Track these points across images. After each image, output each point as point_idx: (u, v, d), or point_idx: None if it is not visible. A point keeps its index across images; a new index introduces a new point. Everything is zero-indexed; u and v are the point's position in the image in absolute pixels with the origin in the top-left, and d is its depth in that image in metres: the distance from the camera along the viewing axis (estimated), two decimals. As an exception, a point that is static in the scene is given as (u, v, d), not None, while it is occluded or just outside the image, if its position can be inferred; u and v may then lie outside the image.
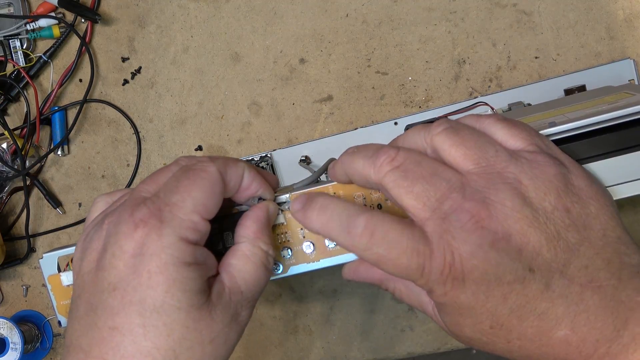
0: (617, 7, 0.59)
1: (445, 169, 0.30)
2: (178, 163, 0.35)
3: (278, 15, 0.65)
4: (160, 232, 0.31)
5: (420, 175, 0.30)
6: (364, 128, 0.61)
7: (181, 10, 0.67)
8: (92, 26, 0.68)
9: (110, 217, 0.34)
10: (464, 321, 0.30)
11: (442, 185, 0.30)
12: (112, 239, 0.32)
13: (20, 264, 0.69)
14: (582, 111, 0.37)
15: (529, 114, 0.42)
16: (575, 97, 0.49)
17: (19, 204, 0.69)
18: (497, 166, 0.30)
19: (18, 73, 0.69)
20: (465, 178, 0.30)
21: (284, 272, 0.38)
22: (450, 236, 0.29)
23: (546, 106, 0.44)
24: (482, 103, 0.58)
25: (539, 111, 0.43)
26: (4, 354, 0.64)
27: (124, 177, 0.68)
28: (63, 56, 0.69)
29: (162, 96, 0.68)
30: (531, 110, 0.45)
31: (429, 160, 0.31)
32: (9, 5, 0.69)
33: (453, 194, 0.29)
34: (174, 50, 0.67)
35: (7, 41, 0.69)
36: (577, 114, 0.37)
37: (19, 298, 0.69)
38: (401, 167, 0.30)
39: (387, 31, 0.63)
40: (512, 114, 0.50)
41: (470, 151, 0.30)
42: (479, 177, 0.30)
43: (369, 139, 0.61)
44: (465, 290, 0.29)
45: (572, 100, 0.45)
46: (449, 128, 0.31)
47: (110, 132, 0.69)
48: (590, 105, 0.40)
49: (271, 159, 0.62)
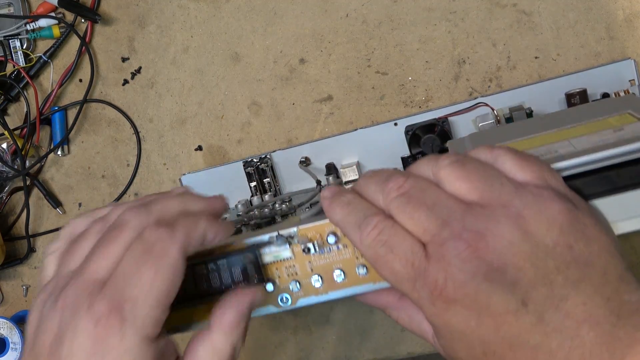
0: (617, 7, 0.59)
1: (448, 198, 0.31)
2: (132, 227, 0.33)
3: (278, 15, 0.65)
4: (123, 332, 0.30)
5: (424, 203, 0.31)
6: (364, 129, 0.61)
7: (181, 10, 0.67)
8: (92, 26, 0.68)
9: (64, 299, 0.31)
10: (457, 345, 0.31)
11: (444, 214, 0.30)
12: (68, 332, 0.30)
13: (20, 264, 0.69)
14: (587, 138, 0.37)
15: (530, 132, 0.42)
16: (577, 111, 0.47)
17: (19, 204, 0.69)
18: (501, 199, 0.30)
19: (18, 73, 0.69)
20: (468, 208, 0.30)
21: (293, 305, 0.37)
22: (446, 262, 0.29)
23: (548, 121, 0.44)
24: (483, 104, 0.58)
25: (541, 128, 0.42)
26: (4, 354, 0.64)
27: (124, 177, 0.68)
28: (63, 56, 0.69)
29: (162, 96, 0.68)
30: (532, 127, 0.44)
31: (434, 188, 0.32)
32: (9, 5, 0.69)
33: (453, 222, 0.30)
34: (174, 50, 0.67)
35: (7, 41, 0.69)
36: (582, 142, 0.36)
37: (19, 298, 0.69)
38: (406, 194, 0.31)
39: (387, 31, 0.63)
40: (513, 128, 0.48)
41: (475, 184, 0.31)
42: (482, 209, 0.30)
43: (369, 140, 0.61)
44: (456, 314, 0.30)
45: (574, 116, 0.43)
46: (455, 162, 0.32)
47: (110, 132, 0.69)
48: (594, 128, 0.39)
49: (271, 161, 0.62)
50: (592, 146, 0.35)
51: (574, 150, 0.35)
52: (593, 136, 0.36)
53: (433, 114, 0.59)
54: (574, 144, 0.36)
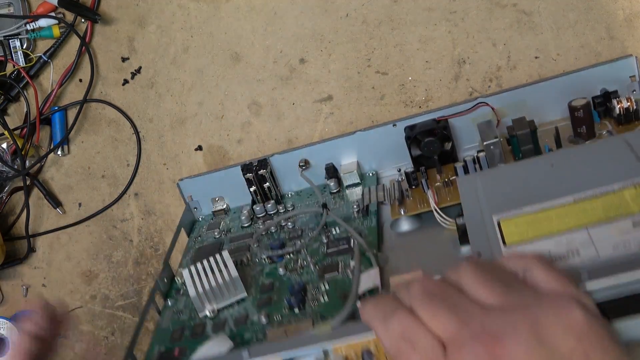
0: (617, 7, 0.59)
1: (469, 300, 0.33)
2: None
3: (278, 15, 0.65)
4: None
5: (445, 303, 0.32)
6: (363, 132, 0.61)
7: (181, 10, 0.67)
8: (92, 26, 0.68)
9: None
10: None
11: (463, 314, 0.32)
12: None
13: (20, 264, 0.69)
14: (607, 232, 0.37)
15: (542, 189, 0.42)
16: (586, 156, 0.45)
17: (19, 204, 0.69)
18: (520, 304, 0.31)
19: (18, 73, 0.69)
20: (487, 311, 0.32)
21: None
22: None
23: (558, 169, 0.44)
24: (483, 103, 0.58)
25: (552, 181, 0.43)
26: (4, 354, 0.64)
27: (124, 177, 0.68)
28: (63, 56, 0.69)
29: (162, 96, 0.68)
30: (542, 173, 0.44)
31: (455, 291, 0.33)
32: (9, 5, 0.69)
33: (472, 323, 0.31)
34: (174, 50, 0.67)
35: (7, 41, 0.69)
36: (602, 238, 0.37)
37: (19, 298, 0.69)
38: (430, 294, 0.33)
39: (387, 31, 0.63)
40: (521, 170, 0.47)
41: (495, 289, 0.33)
42: (502, 313, 0.31)
43: (368, 142, 0.61)
44: None
45: (584, 162, 0.44)
46: (476, 269, 0.34)
47: (110, 132, 0.69)
48: (611, 209, 0.39)
49: (270, 165, 0.62)
50: (613, 252, 0.36)
51: (595, 256, 0.37)
52: (612, 228, 0.37)
53: (433, 114, 0.59)
54: (594, 240, 0.37)
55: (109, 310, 0.67)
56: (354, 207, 0.57)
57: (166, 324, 0.52)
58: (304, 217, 0.59)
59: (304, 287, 0.50)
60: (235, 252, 0.57)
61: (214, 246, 0.59)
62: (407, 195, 0.56)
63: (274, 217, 0.60)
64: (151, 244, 0.66)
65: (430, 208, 0.52)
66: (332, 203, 0.59)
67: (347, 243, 0.52)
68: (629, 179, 0.40)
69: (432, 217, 0.52)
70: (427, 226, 0.53)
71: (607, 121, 0.55)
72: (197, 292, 0.50)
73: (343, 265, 0.51)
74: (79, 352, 0.67)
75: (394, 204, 0.55)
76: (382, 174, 0.62)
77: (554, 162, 0.44)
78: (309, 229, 0.57)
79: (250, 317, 0.49)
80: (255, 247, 0.56)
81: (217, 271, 0.51)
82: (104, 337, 0.67)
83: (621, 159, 0.42)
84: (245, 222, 0.61)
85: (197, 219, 0.64)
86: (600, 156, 0.44)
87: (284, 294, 0.50)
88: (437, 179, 0.56)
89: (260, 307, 0.50)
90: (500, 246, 0.40)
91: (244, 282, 0.51)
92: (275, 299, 0.50)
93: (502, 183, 0.45)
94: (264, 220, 0.60)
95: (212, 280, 0.51)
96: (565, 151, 0.47)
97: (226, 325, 0.49)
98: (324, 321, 0.43)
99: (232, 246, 0.58)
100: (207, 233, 0.61)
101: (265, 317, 0.48)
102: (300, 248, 0.54)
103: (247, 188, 0.61)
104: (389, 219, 0.55)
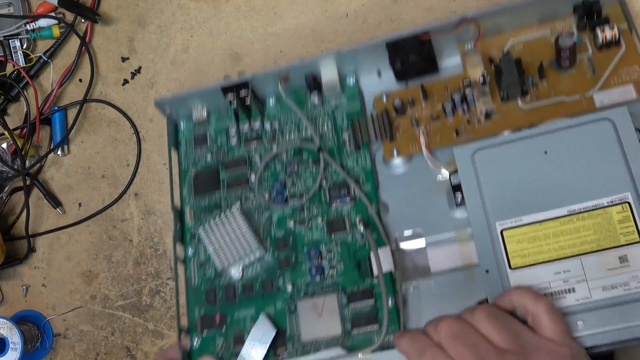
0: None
1: (486, 342, 0.41)
2: None
3: (278, 15, 0.65)
4: None
5: (467, 343, 0.41)
6: (345, 49, 0.56)
7: (181, 10, 0.67)
8: (92, 26, 0.68)
9: None
10: None
11: (483, 354, 0.40)
12: None
13: (20, 264, 0.69)
14: (598, 266, 0.47)
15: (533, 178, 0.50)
16: (571, 141, 0.50)
17: (19, 204, 0.69)
18: (525, 350, 0.41)
19: (18, 73, 0.69)
20: (501, 353, 0.40)
21: None
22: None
23: (547, 154, 0.50)
24: (467, 21, 0.56)
25: (543, 172, 0.50)
26: (4, 354, 0.64)
27: (124, 177, 0.68)
28: (63, 56, 0.69)
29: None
30: (534, 159, 0.51)
31: (475, 332, 0.42)
32: (9, 5, 0.69)
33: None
34: (174, 50, 0.67)
35: (7, 41, 0.69)
36: (594, 274, 0.47)
37: (19, 298, 0.69)
38: (454, 334, 0.42)
39: (387, 31, 0.63)
40: (514, 151, 0.52)
41: (508, 336, 0.41)
42: (512, 355, 0.40)
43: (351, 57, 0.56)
44: None
45: (568, 149, 0.50)
46: (490, 315, 0.42)
47: (110, 132, 0.69)
48: (600, 234, 0.48)
49: (251, 85, 0.57)
50: (603, 293, 0.46)
51: (588, 297, 0.46)
52: (602, 262, 0.47)
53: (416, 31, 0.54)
54: (588, 279, 0.46)
55: (109, 310, 0.67)
56: (344, 138, 0.57)
57: (195, 281, 0.56)
58: (295, 145, 0.58)
59: (320, 253, 0.54)
60: (234, 185, 0.58)
61: (211, 174, 0.58)
62: (397, 128, 0.56)
63: (264, 140, 0.59)
64: (151, 244, 0.66)
65: (421, 151, 0.55)
66: (318, 122, 0.58)
67: (347, 193, 0.55)
68: (616, 192, 0.48)
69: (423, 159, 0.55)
70: (420, 167, 0.56)
71: (586, 37, 0.54)
72: (219, 256, 0.55)
73: (350, 224, 0.55)
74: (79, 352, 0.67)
75: (385, 140, 0.56)
76: (363, 83, 0.58)
77: (547, 149, 0.49)
78: (304, 161, 0.58)
79: (275, 282, 0.54)
80: (257, 192, 0.57)
81: (231, 231, 0.55)
82: (103, 337, 0.67)
83: (608, 152, 0.49)
84: (234, 142, 0.59)
85: (180, 130, 0.61)
86: (590, 150, 0.49)
87: (300, 252, 0.55)
88: (422, 106, 0.56)
89: (282, 270, 0.55)
90: (507, 270, 0.48)
91: (257, 233, 0.56)
92: (293, 261, 0.55)
93: (500, 173, 0.50)
94: (252, 140, 0.59)
95: (229, 241, 0.55)
96: (557, 137, 0.50)
97: (254, 288, 0.55)
98: (365, 350, 0.50)
99: (229, 176, 0.58)
100: (197, 152, 0.59)
101: (290, 285, 0.54)
102: (304, 203, 0.56)
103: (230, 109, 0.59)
104: (379, 152, 0.57)
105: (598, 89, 0.53)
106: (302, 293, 0.54)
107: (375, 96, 0.57)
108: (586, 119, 0.50)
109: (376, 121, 0.57)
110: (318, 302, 0.53)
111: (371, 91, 0.58)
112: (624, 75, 0.53)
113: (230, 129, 0.59)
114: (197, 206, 0.58)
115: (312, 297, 0.53)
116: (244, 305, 0.54)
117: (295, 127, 0.59)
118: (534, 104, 0.54)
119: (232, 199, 0.58)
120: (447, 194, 0.54)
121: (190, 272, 0.56)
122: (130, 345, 0.66)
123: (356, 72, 0.58)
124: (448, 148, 0.54)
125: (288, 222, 0.56)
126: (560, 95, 0.54)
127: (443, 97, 0.56)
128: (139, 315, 0.66)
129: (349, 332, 0.52)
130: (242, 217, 0.55)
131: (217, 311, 0.55)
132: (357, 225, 0.54)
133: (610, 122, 0.49)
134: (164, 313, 0.65)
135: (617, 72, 0.53)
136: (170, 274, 0.66)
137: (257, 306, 0.54)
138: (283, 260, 0.55)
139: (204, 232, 0.56)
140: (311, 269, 0.54)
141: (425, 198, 0.55)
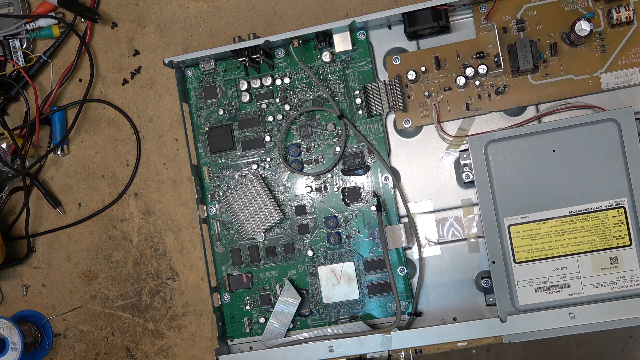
0: None
1: None
2: None
3: (278, 15, 0.65)
4: None
5: None
6: (354, 18, 0.61)
7: (181, 10, 0.67)
8: (91, 26, 0.68)
9: None
10: None
11: None
12: None
13: (20, 264, 0.69)
14: (593, 270, 0.53)
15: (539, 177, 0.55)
16: (578, 141, 0.54)
17: (19, 203, 0.69)
18: None
19: (18, 73, 0.69)
20: None
21: None
22: None
23: (555, 154, 0.54)
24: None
25: (550, 174, 0.54)
26: (3, 353, 0.64)
27: (123, 177, 0.68)
28: (63, 56, 0.69)
29: (162, 96, 0.68)
30: (543, 156, 0.55)
31: None
32: (9, 5, 0.69)
33: None
34: (174, 50, 0.67)
35: (7, 41, 0.69)
36: (589, 273, 0.53)
37: (19, 298, 0.69)
38: None
39: (387, 31, 0.63)
40: (524, 143, 0.56)
41: None
42: None
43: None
44: None
45: (575, 150, 0.54)
46: None
47: (110, 132, 0.69)
48: (596, 238, 0.53)
49: (261, 47, 0.59)
50: (593, 290, 0.51)
51: (580, 292, 0.51)
52: (595, 261, 0.52)
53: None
54: (582, 276, 0.51)
55: (109, 310, 0.67)
56: (356, 102, 0.60)
57: (220, 245, 0.61)
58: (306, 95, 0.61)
59: (337, 222, 0.59)
60: (249, 147, 0.61)
61: (224, 131, 0.61)
62: (409, 96, 0.58)
63: (277, 97, 0.61)
64: (151, 243, 0.66)
65: (432, 121, 0.59)
66: (330, 81, 0.61)
67: (362, 162, 0.59)
68: (614, 196, 0.52)
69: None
70: (431, 138, 0.60)
71: (600, 11, 0.56)
72: (242, 225, 0.60)
73: (363, 192, 0.59)
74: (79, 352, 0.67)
75: (397, 111, 0.58)
76: (373, 38, 0.61)
77: (555, 147, 0.53)
78: (316, 123, 0.60)
79: (296, 245, 0.60)
80: (274, 160, 0.61)
81: (253, 200, 0.59)
82: (103, 337, 0.67)
83: (610, 154, 0.53)
84: (246, 99, 0.62)
85: (188, 76, 0.64)
86: (594, 151, 0.53)
87: (318, 220, 0.59)
88: (434, 75, 0.58)
89: (301, 235, 0.60)
90: (512, 263, 0.53)
91: (276, 200, 0.60)
92: (311, 226, 0.59)
93: (511, 167, 0.54)
94: (263, 97, 0.61)
95: (252, 211, 0.59)
96: (565, 135, 0.54)
97: (276, 250, 0.60)
98: (385, 328, 0.54)
99: (243, 135, 0.61)
100: (208, 105, 0.63)
101: (311, 251, 0.59)
102: (320, 172, 0.60)
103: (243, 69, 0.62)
104: (390, 119, 0.60)
105: (605, 69, 0.56)
106: (321, 258, 0.59)
107: (387, 56, 0.60)
108: (594, 118, 0.53)
109: (389, 90, 0.58)
110: (336, 268, 0.58)
111: (381, 45, 0.61)
112: (632, 56, 0.55)
113: (240, 85, 0.62)
114: (214, 165, 0.62)
115: (331, 263, 0.59)
116: (268, 268, 0.60)
117: (306, 84, 0.61)
118: (543, 81, 0.57)
119: (248, 160, 0.61)
120: (456, 167, 0.59)
121: (214, 230, 0.61)
122: (130, 345, 0.66)
123: (366, 26, 0.60)
124: (457, 121, 0.59)
125: (305, 189, 0.60)
126: (569, 74, 0.56)
127: (455, 64, 0.57)
128: (139, 315, 0.66)
129: (366, 297, 0.58)
130: (262, 186, 0.59)
131: (244, 272, 0.60)
132: (372, 199, 0.59)
133: (615, 123, 0.52)
134: (164, 313, 0.65)
135: (626, 53, 0.55)
136: (171, 273, 0.66)
137: (280, 269, 0.60)
138: (302, 225, 0.59)
139: (226, 202, 0.60)
140: (330, 237, 0.58)
141: (434, 169, 0.60)
